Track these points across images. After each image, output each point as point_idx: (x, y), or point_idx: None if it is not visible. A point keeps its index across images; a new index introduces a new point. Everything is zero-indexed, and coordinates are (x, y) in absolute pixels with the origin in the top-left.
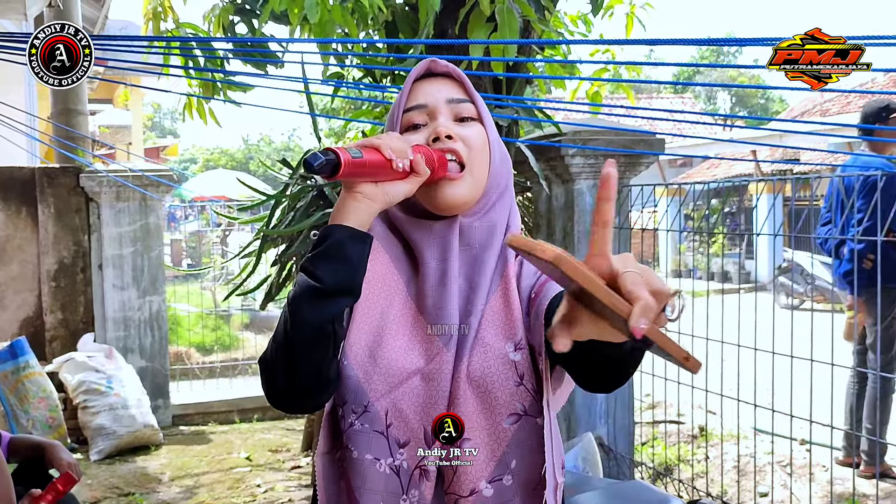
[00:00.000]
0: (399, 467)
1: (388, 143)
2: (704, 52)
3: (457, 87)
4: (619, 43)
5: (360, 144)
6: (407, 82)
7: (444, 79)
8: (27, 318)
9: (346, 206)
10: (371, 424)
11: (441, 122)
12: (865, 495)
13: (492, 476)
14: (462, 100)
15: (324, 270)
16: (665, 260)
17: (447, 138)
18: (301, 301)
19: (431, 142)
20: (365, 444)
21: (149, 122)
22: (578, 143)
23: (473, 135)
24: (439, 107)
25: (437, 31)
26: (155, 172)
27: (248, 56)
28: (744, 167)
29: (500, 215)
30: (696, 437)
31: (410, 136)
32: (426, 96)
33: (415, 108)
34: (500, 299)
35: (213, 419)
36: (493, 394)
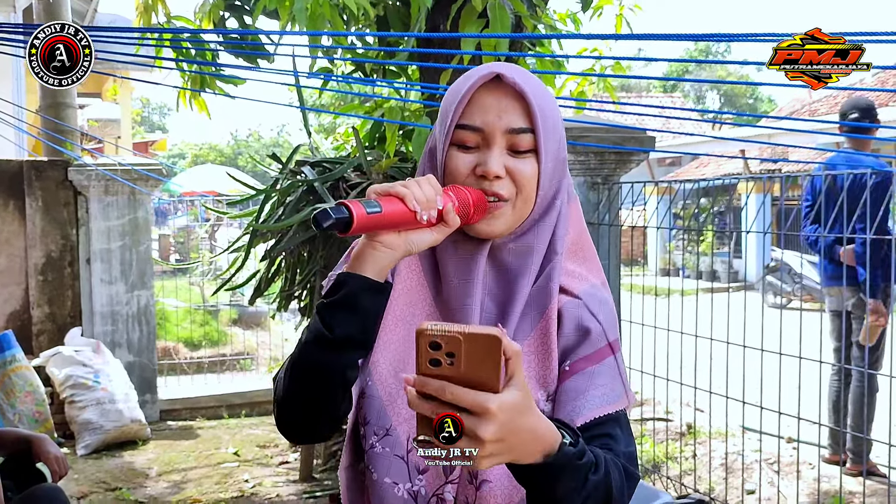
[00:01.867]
0: (417, 493)
1: (414, 192)
2: (693, 51)
3: (521, 110)
4: (607, 38)
5: (383, 192)
6: (469, 84)
7: (510, 94)
8: (14, 311)
9: (364, 253)
10: (392, 448)
11: (494, 159)
12: (852, 493)
13: None
14: (523, 129)
15: (336, 320)
16: (654, 258)
17: (496, 178)
18: (311, 346)
19: (477, 177)
20: (385, 467)
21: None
22: (569, 139)
23: (525, 170)
24: (497, 136)
25: (428, 26)
26: (144, 166)
27: (238, 49)
28: (733, 166)
29: (540, 237)
30: (684, 435)
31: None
32: (485, 117)
33: (469, 128)
34: (539, 342)
35: (201, 414)
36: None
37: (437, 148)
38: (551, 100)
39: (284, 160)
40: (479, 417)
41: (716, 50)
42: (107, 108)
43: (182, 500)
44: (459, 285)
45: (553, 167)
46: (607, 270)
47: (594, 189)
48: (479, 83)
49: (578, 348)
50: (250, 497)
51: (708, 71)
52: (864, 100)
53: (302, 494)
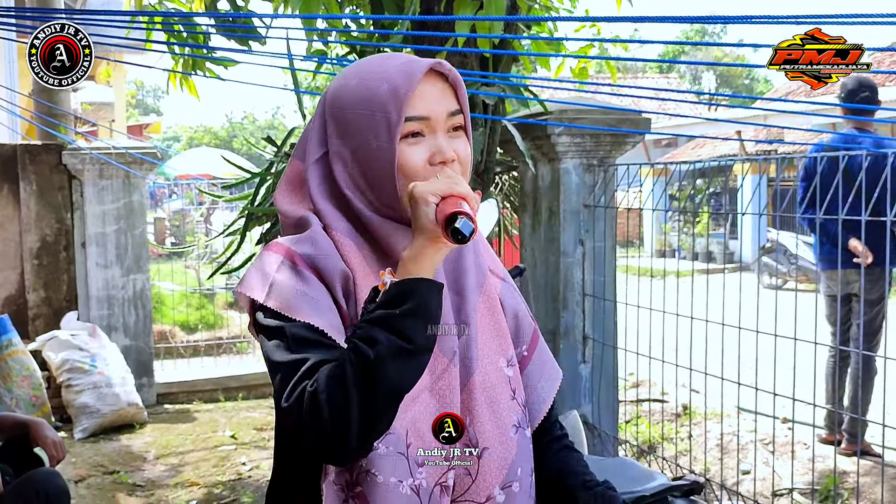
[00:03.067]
0: (419, 486)
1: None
2: (689, 31)
3: (452, 94)
4: (604, 20)
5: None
6: (411, 82)
7: (443, 82)
8: (9, 296)
9: (425, 254)
10: (394, 446)
11: (443, 142)
12: (846, 472)
13: (504, 482)
14: (457, 111)
15: (413, 330)
16: (650, 240)
17: (452, 161)
18: (387, 359)
19: (436, 163)
20: (390, 466)
21: (132, 99)
22: (565, 121)
23: (463, 150)
24: (441, 121)
25: (423, 9)
26: (138, 150)
27: (230, 32)
28: (729, 147)
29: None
30: (679, 416)
31: (412, 147)
32: (428, 106)
33: (416, 119)
34: (486, 314)
35: (198, 397)
36: (499, 404)
37: (377, 146)
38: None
39: (279, 143)
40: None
41: (711, 31)
42: (101, 91)
43: (180, 483)
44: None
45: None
46: (602, 252)
47: (590, 171)
48: (420, 75)
49: (523, 334)
50: (248, 479)
51: (704, 51)
52: (869, 79)
53: None
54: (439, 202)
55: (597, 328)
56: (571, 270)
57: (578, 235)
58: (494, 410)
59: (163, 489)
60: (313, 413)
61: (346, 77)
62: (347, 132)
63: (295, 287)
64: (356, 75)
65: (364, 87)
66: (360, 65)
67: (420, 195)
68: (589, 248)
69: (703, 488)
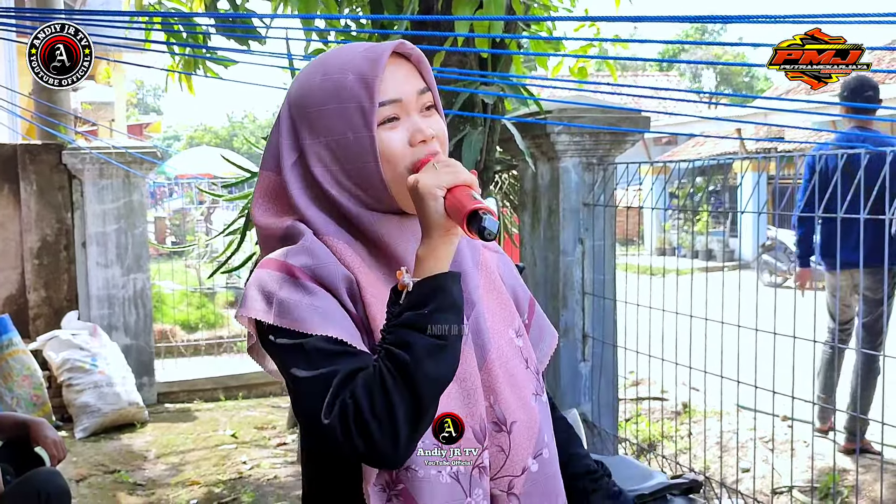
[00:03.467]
0: (458, 472)
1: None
2: (689, 30)
3: (417, 73)
4: (603, 19)
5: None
6: (377, 66)
7: (406, 62)
8: (10, 295)
9: (440, 249)
10: (429, 439)
11: (420, 122)
12: (846, 470)
13: (535, 451)
14: (425, 89)
15: (444, 326)
16: (650, 238)
17: (433, 138)
18: (425, 361)
19: (417, 143)
20: (423, 458)
21: (132, 98)
22: (564, 120)
23: (439, 127)
24: (412, 101)
25: (422, 8)
26: (138, 149)
27: (230, 32)
28: (729, 145)
29: None
30: (679, 414)
31: (390, 133)
32: (398, 88)
33: (389, 102)
34: (488, 289)
35: (199, 397)
36: (516, 377)
37: (354, 138)
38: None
39: None
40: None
41: (711, 29)
42: (100, 90)
43: (180, 482)
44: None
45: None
46: (602, 251)
47: (589, 170)
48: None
49: (522, 303)
50: (248, 478)
51: (704, 50)
52: (871, 78)
53: (300, 475)
54: (447, 194)
55: (596, 327)
56: (571, 269)
57: (578, 234)
58: (514, 383)
59: (163, 488)
60: (360, 424)
61: (308, 75)
62: (321, 130)
63: (302, 301)
64: (318, 71)
65: (330, 82)
66: (319, 60)
67: (426, 189)
68: (588, 247)
69: (702, 486)
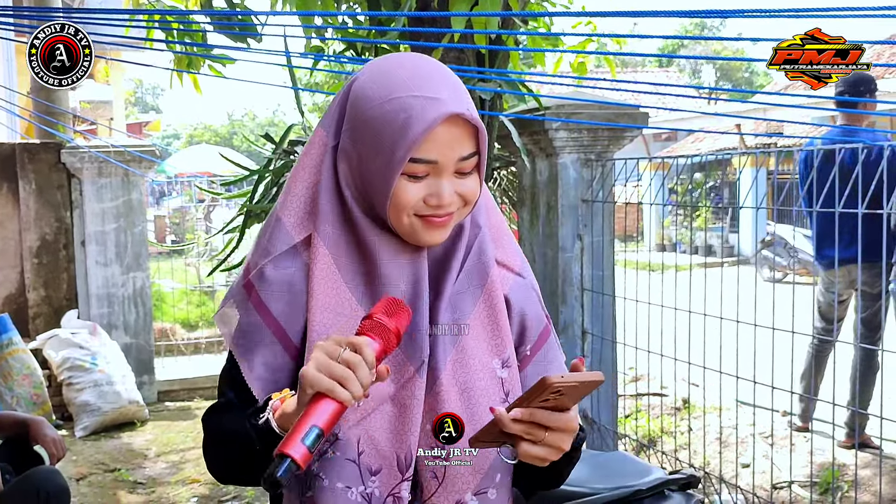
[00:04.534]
0: (371, 495)
1: (355, 393)
2: (689, 25)
3: (469, 136)
4: (602, 15)
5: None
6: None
7: (465, 125)
8: (9, 294)
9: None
10: (343, 452)
11: (446, 190)
12: (845, 465)
13: (478, 489)
14: (471, 155)
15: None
16: (649, 234)
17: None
18: (239, 465)
19: (427, 205)
20: (336, 472)
21: (131, 97)
22: (562, 116)
23: (471, 187)
24: (449, 165)
25: (419, 4)
26: (137, 148)
27: (228, 30)
28: (728, 141)
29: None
30: (679, 410)
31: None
32: (439, 151)
33: (424, 161)
34: (485, 314)
35: (199, 395)
36: (480, 407)
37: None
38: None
39: (278, 140)
40: (565, 433)
41: (710, 24)
42: (99, 89)
43: (181, 481)
44: (406, 289)
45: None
46: (601, 247)
47: (587, 166)
48: (438, 123)
49: (531, 332)
50: None
51: (703, 45)
52: (868, 75)
53: None
54: (316, 395)
55: (595, 323)
56: (570, 265)
57: (577, 230)
58: (472, 413)
59: (164, 486)
60: (204, 449)
61: (373, 80)
62: (358, 139)
63: (240, 320)
64: (381, 86)
65: (382, 107)
66: (389, 74)
67: (303, 379)
68: (587, 243)
69: (700, 481)
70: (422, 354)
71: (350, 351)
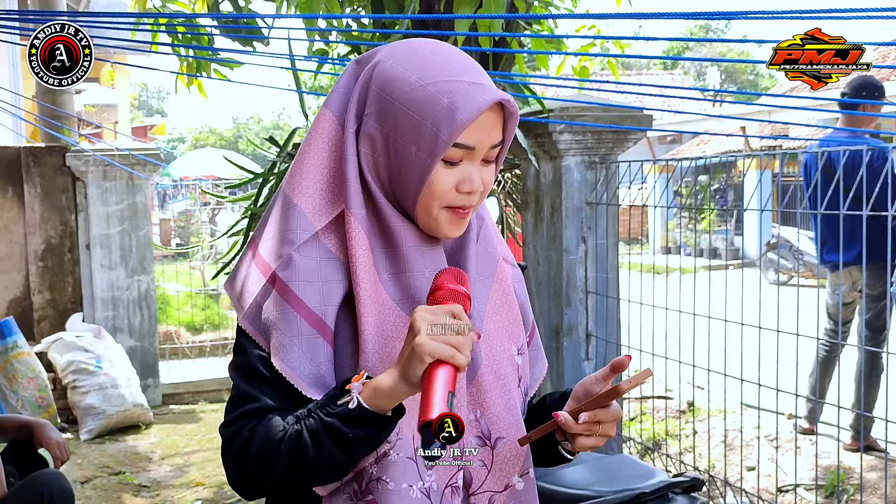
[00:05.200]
0: (430, 489)
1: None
2: (693, 28)
3: (499, 126)
4: (606, 17)
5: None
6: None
7: (500, 113)
8: (15, 298)
9: (397, 394)
10: (404, 451)
11: (475, 172)
12: (851, 468)
13: (522, 470)
14: (499, 143)
15: (360, 454)
16: (654, 236)
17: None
18: (323, 464)
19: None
20: (400, 472)
21: (135, 101)
22: (566, 118)
23: (489, 178)
24: (483, 152)
25: (423, 7)
26: (142, 151)
27: (234, 33)
28: (733, 143)
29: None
30: (683, 413)
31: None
32: (479, 137)
33: (463, 147)
34: (499, 302)
35: (204, 398)
36: (511, 392)
37: (414, 154)
38: None
39: (282, 143)
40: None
41: (715, 27)
42: (104, 92)
43: (185, 484)
44: (430, 277)
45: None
46: (605, 250)
47: (592, 168)
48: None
49: (527, 321)
50: None
51: (708, 48)
52: (875, 79)
53: None
54: (431, 366)
55: (600, 325)
56: (574, 268)
57: (581, 233)
58: (508, 400)
59: (168, 489)
60: (240, 459)
61: (406, 66)
62: (389, 124)
63: (267, 316)
64: (417, 69)
65: (423, 92)
66: (424, 59)
67: (419, 350)
68: (591, 246)
69: (704, 485)
70: None
71: (452, 318)
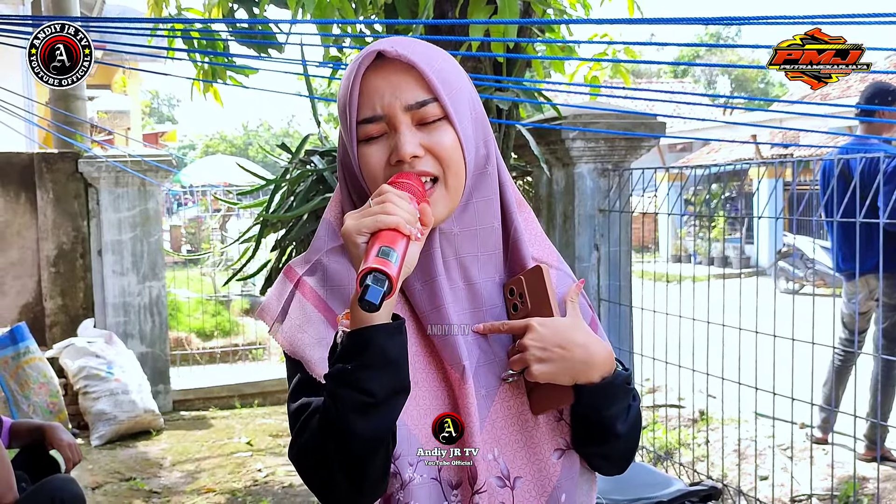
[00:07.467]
0: None
1: (400, 214)
2: (704, 35)
3: (416, 82)
4: (619, 23)
5: (371, 229)
6: (353, 75)
7: (399, 69)
8: (27, 303)
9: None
10: (428, 473)
11: (405, 140)
12: (866, 478)
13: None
14: (424, 102)
15: (373, 383)
16: (665, 244)
17: (413, 158)
18: (351, 415)
19: (394, 166)
20: (426, 495)
21: (147, 108)
22: (579, 126)
23: (444, 141)
24: (399, 116)
25: (436, 13)
26: (154, 157)
27: (248, 39)
28: (744, 151)
29: (483, 216)
30: (696, 421)
31: (368, 149)
32: (380, 102)
33: (369, 119)
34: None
35: (214, 404)
36: (537, 429)
37: (348, 152)
38: (448, 60)
39: (294, 150)
40: (527, 332)
41: (726, 34)
42: (116, 99)
43: (196, 490)
44: (424, 289)
45: (473, 128)
46: (618, 257)
47: (604, 175)
48: (363, 69)
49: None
50: (264, 486)
51: (718, 55)
52: (885, 83)
53: None
54: (369, 240)
55: (612, 333)
56: (587, 275)
57: (593, 240)
58: (529, 436)
59: (179, 496)
60: (307, 467)
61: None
62: (339, 144)
63: (297, 324)
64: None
65: (341, 87)
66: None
67: (346, 235)
68: (604, 253)
69: (721, 494)
70: (459, 354)
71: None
